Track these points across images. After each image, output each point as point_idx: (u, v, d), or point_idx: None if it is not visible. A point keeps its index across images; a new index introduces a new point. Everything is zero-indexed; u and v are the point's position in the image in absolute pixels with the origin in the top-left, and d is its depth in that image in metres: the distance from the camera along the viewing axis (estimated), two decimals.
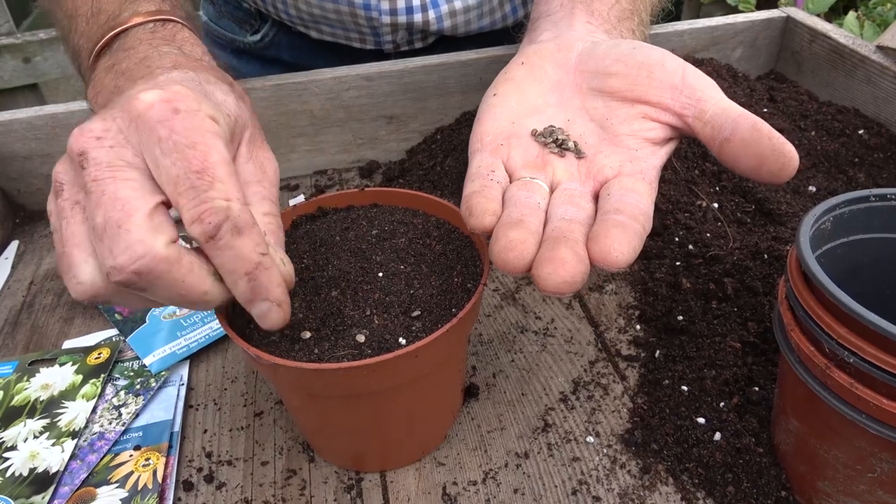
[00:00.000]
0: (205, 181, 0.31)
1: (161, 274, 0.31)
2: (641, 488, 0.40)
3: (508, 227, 0.33)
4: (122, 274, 0.30)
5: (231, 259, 0.32)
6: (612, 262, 0.32)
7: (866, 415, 0.31)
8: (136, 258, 0.30)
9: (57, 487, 0.41)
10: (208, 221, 0.31)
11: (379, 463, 0.42)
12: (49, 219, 0.34)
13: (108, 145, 0.32)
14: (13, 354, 0.52)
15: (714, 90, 0.38)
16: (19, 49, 1.40)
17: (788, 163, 0.34)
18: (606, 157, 0.38)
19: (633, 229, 0.33)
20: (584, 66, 0.42)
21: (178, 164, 0.31)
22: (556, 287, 0.31)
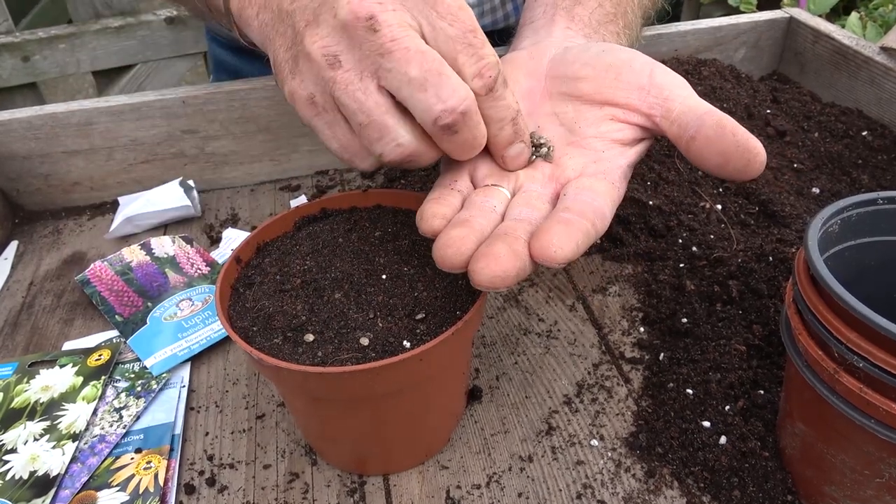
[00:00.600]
0: (479, 39, 0.34)
1: (474, 116, 0.35)
2: (646, 492, 0.39)
3: (452, 226, 0.34)
4: (453, 115, 0.34)
5: (503, 108, 0.36)
6: (550, 258, 0.32)
7: (875, 420, 0.30)
8: (463, 99, 0.34)
9: (57, 491, 0.40)
10: (489, 75, 0.35)
11: (382, 466, 0.41)
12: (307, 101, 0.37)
13: (391, 8, 0.34)
14: (13, 356, 0.52)
15: (682, 89, 0.38)
16: (18, 48, 1.39)
17: (754, 159, 0.34)
18: (570, 158, 0.38)
19: (579, 226, 0.33)
20: (553, 71, 0.42)
21: (455, 25, 0.34)
22: (489, 281, 0.31)
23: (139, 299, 0.54)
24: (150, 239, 0.60)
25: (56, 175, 0.66)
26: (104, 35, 1.49)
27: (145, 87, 1.61)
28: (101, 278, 0.56)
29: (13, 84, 1.43)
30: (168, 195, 0.64)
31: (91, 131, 0.64)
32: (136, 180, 0.67)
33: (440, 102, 0.33)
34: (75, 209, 0.68)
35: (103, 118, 0.64)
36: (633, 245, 0.56)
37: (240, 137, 0.67)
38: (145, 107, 0.64)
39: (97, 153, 0.65)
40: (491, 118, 0.36)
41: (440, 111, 0.33)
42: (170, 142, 0.66)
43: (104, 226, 0.65)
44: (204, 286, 0.55)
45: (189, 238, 0.60)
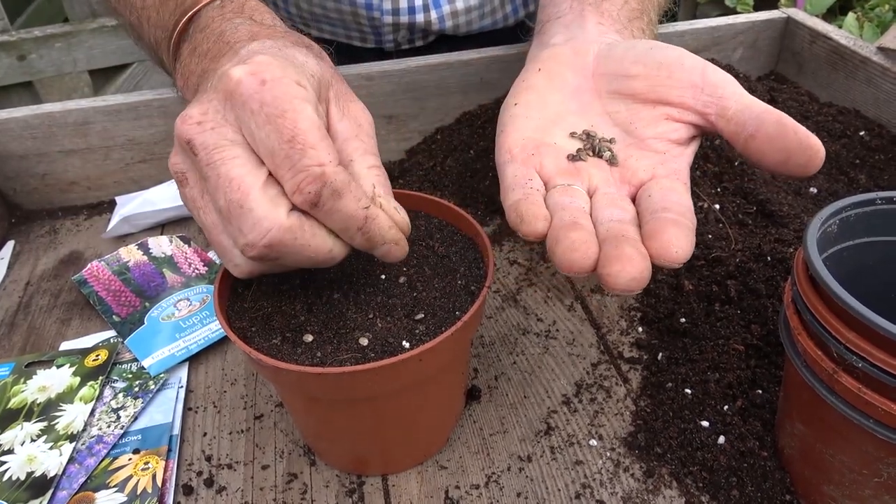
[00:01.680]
0: (296, 149, 0.32)
1: (289, 242, 0.32)
2: (645, 492, 0.39)
3: (567, 229, 0.33)
4: (255, 249, 0.32)
5: (340, 220, 0.33)
6: (672, 258, 0.32)
7: (874, 420, 0.30)
8: (264, 233, 0.32)
9: (55, 492, 0.40)
10: (308, 190, 0.32)
11: (381, 466, 0.41)
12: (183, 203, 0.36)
13: (210, 128, 0.33)
14: (9, 356, 0.51)
15: (735, 87, 0.37)
16: (14, 46, 1.39)
17: (815, 155, 0.34)
18: (637, 160, 0.38)
19: (686, 225, 0.33)
20: (602, 69, 0.41)
21: (271, 136, 0.32)
22: (626, 284, 0.31)
23: (137, 299, 0.54)
24: (148, 239, 0.59)
25: (53, 174, 0.66)
26: (100, 34, 1.48)
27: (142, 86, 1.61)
28: (99, 278, 0.56)
29: (9, 83, 1.42)
30: (165, 195, 0.64)
31: (88, 130, 0.64)
32: (134, 180, 0.67)
33: (241, 236, 0.32)
34: (72, 209, 0.68)
35: (100, 117, 0.63)
36: None
37: None
38: (143, 106, 0.63)
39: (94, 152, 0.65)
40: (334, 229, 0.34)
41: (242, 245, 0.33)
42: (167, 141, 0.66)
43: (101, 225, 0.65)
44: (201, 286, 0.55)
45: (186, 238, 0.60)
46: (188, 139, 0.33)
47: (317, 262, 0.34)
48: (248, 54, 0.35)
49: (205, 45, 0.41)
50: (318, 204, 0.32)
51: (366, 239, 0.34)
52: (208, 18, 0.43)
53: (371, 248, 0.35)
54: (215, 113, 0.33)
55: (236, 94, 0.33)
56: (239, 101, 0.33)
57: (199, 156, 0.33)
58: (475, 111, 0.69)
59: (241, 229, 0.32)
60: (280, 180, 0.32)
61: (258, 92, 0.32)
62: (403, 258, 0.36)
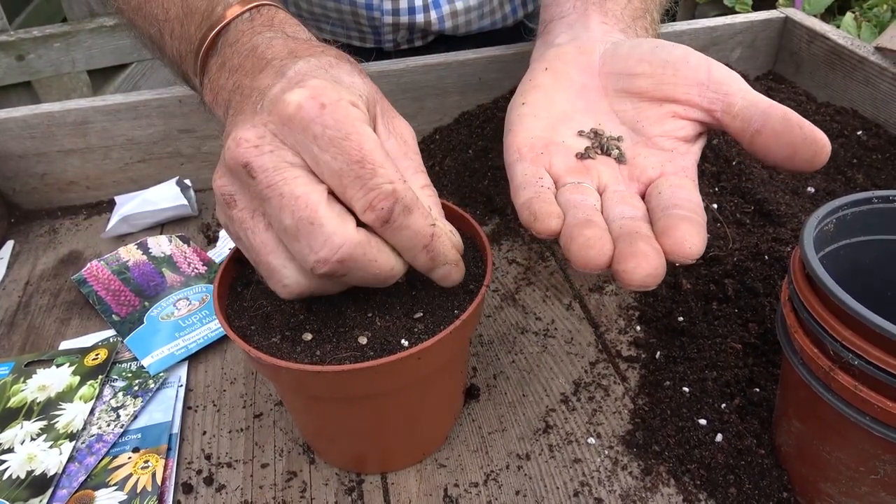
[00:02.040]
0: (367, 169, 0.32)
1: (358, 257, 0.32)
2: (643, 490, 0.40)
3: (581, 226, 0.33)
4: (328, 266, 0.32)
5: (408, 237, 0.33)
6: (686, 254, 0.32)
7: (870, 417, 0.31)
8: (336, 248, 0.32)
9: (55, 490, 0.40)
10: (381, 207, 0.32)
11: (380, 465, 0.41)
12: (224, 228, 0.36)
13: (269, 150, 0.33)
14: (9, 355, 0.51)
15: (740, 83, 0.38)
16: (13, 46, 1.39)
17: (821, 150, 0.34)
18: (645, 158, 0.38)
19: (697, 222, 0.33)
20: (607, 67, 0.42)
21: (338, 158, 0.32)
22: (642, 280, 0.31)
23: (136, 299, 0.54)
24: (147, 238, 0.59)
25: (52, 174, 0.66)
26: (99, 34, 1.48)
27: (140, 86, 1.61)
28: (98, 278, 0.56)
29: (8, 83, 1.42)
30: (165, 194, 0.64)
31: (87, 130, 0.64)
32: (133, 179, 0.67)
33: (312, 253, 0.32)
34: (71, 208, 0.68)
35: (100, 117, 0.63)
36: None
37: None
38: (142, 106, 0.64)
39: (93, 152, 0.65)
40: (400, 247, 0.34)
41: (314, 262, 0.32)
42: (166, 141, 0.66)
43: (100, 225, 0.65)
44: (201, 285, 0.55)
45: (186, 237, 0.60)
46: (245, 162, 0.32)
47: (379, 279, 0.34)
48: (298, 76, 0.35)
49: (235, 60, 0.40)
50: (390, 220, 0.32)
51: (430, 258, 0.34)
52: (238, 32, 0.42)
53: (433, 268, 0.35)
54: (273, 137, 0.33)
55: (296, 118, 0.32)
56: (299, 125, 0.32)
57: (258, 178, 0.32)
58: (473, 111, 0.69)
59: (312, 246, 0.32)
60: (349, 200, 0.32)
61: (319, 116, 0.32)
62: (460, 281, 0.36)
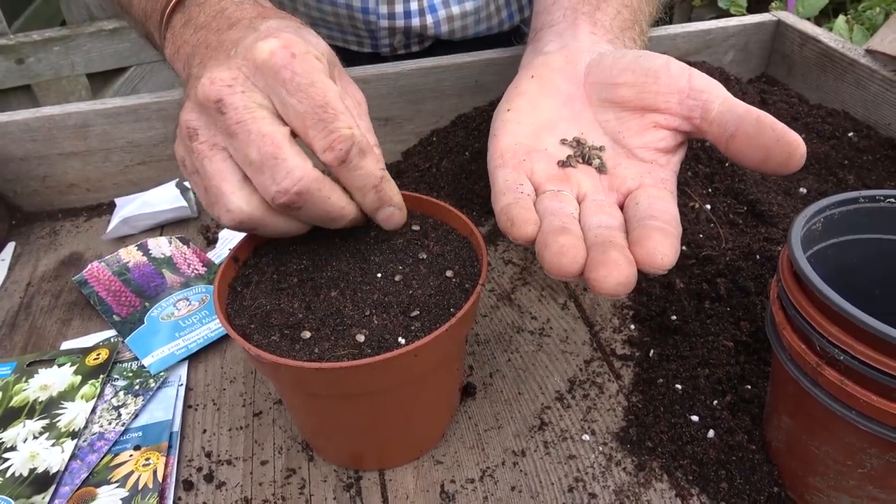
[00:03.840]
0: (329, 114, 0.35)
1: (314, 192, 0.36)
2: (637, 485, 0.40)
3: (556, 233, 0.34)
4: (287, 196, 0.35)
5: (360, 177, 0.37)
6: (657, 265, 0.33)
7: (856, 411, 0.31)
8: (296, 180, 0.35)
9: (57, 487, 0.41)
10: (339, 148, 0.35)
11: (378, 461, 0.42)
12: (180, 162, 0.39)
13: (240, 91, 0.36)
14: (11, 356, 0.52)
15: (719, 90, 0.38)
16: (13, 50, 1.39)
17: (794, 151, 0.34)
18: (626, 169, 0.39)
19: (671, 233, 0.34)
20: (592, 77, 0.42)
21: (304, 102, 0.35)
22: (612, 289, 0.32)
23: (137, 299, 0.55)
24: (147, 240, 0.60)
25: (53, 177, 0.66)
26: (98, 37, 1.49)
27: (139, 90, 1.61)
28: (99, 279, 0.56)
29: (7, 86, 1.43)
30: (164, 196, 0.64)
31: (88, 133, 0.64)
32: (133, 182, 0.68)
33: (274, 184, 0.35)
34: (72, 210, 0.68)
35: (100, 120, 0.64)
36: None
37: None
38: (142, 109, 0.64)
39: (94, 155, 0.66)
40: (352, 188, 0.37)
41: (275, 192, 0.35)
42: (166, 143, 0.66)
43: (101, 227, 0.66)
44: (201, 286, 0.56)
45: (185, 239, 0.61)
46: (218, 98, 0.35)
47: (330, 217, 0.37)
48: (270, 31, 0.38)
49: (202, 18, 0.43)
50: (346, 161, 0.36)
51: (378, 198, 0.38)
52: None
53: (379, 208, 0.39)
54: (245, 79, 0.36)
55: (269, 63, 0.35)
56: (271, 70, 0.35)
57: (228, 114, 0.35)
58: (470, 114, 0.70)
59: (275, 177, 0.35)
60: (311, 140, 0.36)
61: (290, 63, 0.35)
62: (401, 226, 0.41)
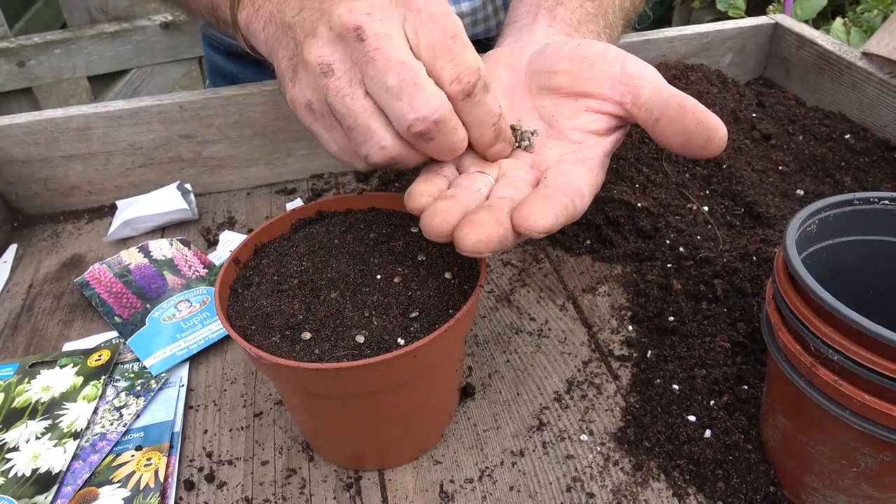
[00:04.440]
0: (458, 44, 0.36)
1: (448, 121, 0.36)
2: (634, 485, 0.41)
3: (439, 200, 0.36)
4: (426, 123, 0.35)
5: (484, 112, 0.37)
6: (530, 226, 0.33)
7: (850, 411, 0.32)
8: (435, 108, 0.35)
9: (60, 487, 0.41)
10: (467, 80, 0.36)
11: (377, 461, 0.42)
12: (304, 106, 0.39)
13: (378, 18, 0.36)
14: (13, 357, 0.52)
15: (652, 75, 0.39)
16: (14, 53, 1.40)
17: (713, 135, 0.35)
18: (549, 149, 0.40)
19: (558, 200, 0.35)
20: (533, 66, 0.43)
21: (435, 32, 0.36)
22: (472, 246, 0.33)
23: (138, 301, 0.55)
24: (148, 242, 0.60)
25: (55, 179, 0.67)
26: (99, 40, 1.49)
27: (140, 92, 1.62)
28: (101, 280, 0.57)
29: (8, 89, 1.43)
30: (166, 199, 0.65)
31: (90, 136, 0.65)
32: (134, 184, 0.68)
33: (412, 111, 0.35)
34: (73, 213, 0.69)
35: (102, 123, 0.64)
36: (622, 246, 0.58)
37: (236, 142, 0.68)
38: (143, 112, 0.65)
39: (95, 158, 0.66)
40: (471, 122, 0.37)
41: (412, 119, 0.35)
42: (167, 146, 0.67)
43: (102, 229, 0.66)
44: (202, 288, 0.56)
45: (186, 241, 0.61)
46: (358, 25, 0.35)
47: (453, 150, 0.38)
48: None
49: None
50: (472, 94, 0.36)
51: (496, 134, 0.38)
52: None
53: (493, 143, 0.39)
54: (381, 8, 0.36)
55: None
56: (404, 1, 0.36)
57: (368, 40, 0.35)
58: None
59: (413, 104, 0.35)
60: (439, 71, 0.36)
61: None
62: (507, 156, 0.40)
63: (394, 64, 0.35)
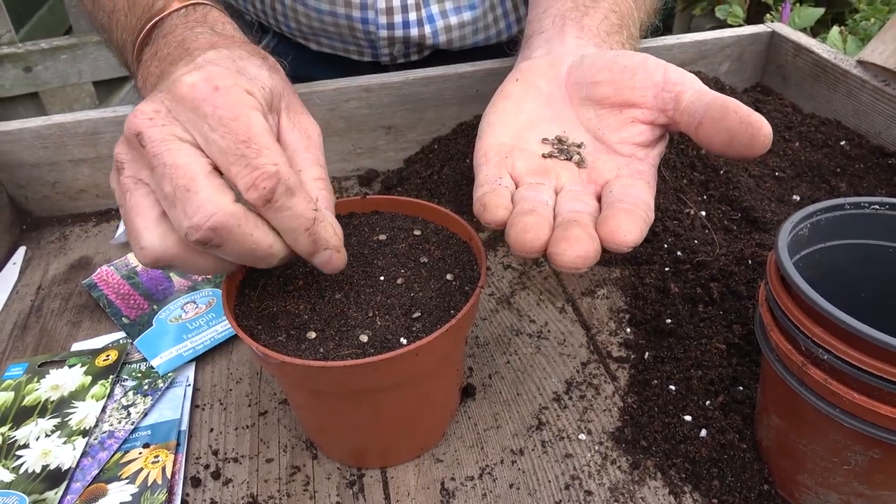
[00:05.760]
0: (252, 149, 0.34)
1: (232, 229, 0.33)
2: (631, 483, 0.41)
3: (523, 214, 0.36)
4: (200, 232, 0.33)
5: (289, 218, 0.35)
6: (620, 241, 0.34)
7: (840, 409, 0.33)
8: (209, 215, 0.33)
9: (69, 483, 0.42)
10: (263, 186, 0.33)
11: (380, 459, 0.43)
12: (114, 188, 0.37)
13: (160, 123, 0.34)
14: (23, 357, 0.53)
15: (693, 81, 0.39)
16: (21, 58, 1.41)
17: (758, 132, 0.36)
18: (604, 163, 0.41)
19: (638, 214, 0.36)
20: (573, 77, 0.44)
21: (226, 137, 0.34)
22: (572, 262, 0.33)
23: (145, 302, 0.56)
24: None
25: (63, 182, 0.68)
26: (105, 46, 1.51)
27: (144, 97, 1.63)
28: (108, 282, 0.58)
29: (15, 94, 1.45)
30: None
31: (97, 140, 0.66)
32: None
33: (186, 218, 0.33)
34: (81, 216, 0.70)
35: (110, 128, 0.66)
36: None
37: None
38: None
39: (103, 161, 0.67)
40: (281, 229, 0.35)
41: (187, 227, 0.33)
42: None
43: (109, 232, 0.67)
44: (207, 290, 0.57)
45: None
46: (138, 131, 0.34)
47: (256, 256, 0.35)
48: (203, 62, 0.37)
49: (165, 50, 0.43)
50: (272, 200, 0.34)
51: (311, 241, 0.36)
52: (171, 25, 0.45)
53: (314, 253, 0.36)
54: (167, 113, 0.35)
55: (189, 97, 0.34)
56: (191, 104, 0.34)
57: (147, 147, 0.34)
58: (471, 122, 0.72)
59: (186, 212, 0.33)
60: (233, 178, 0.34)
61: (211, 97, 0.34)
62: (341, 269, 0.38)
63: (170, 169, 0.33)
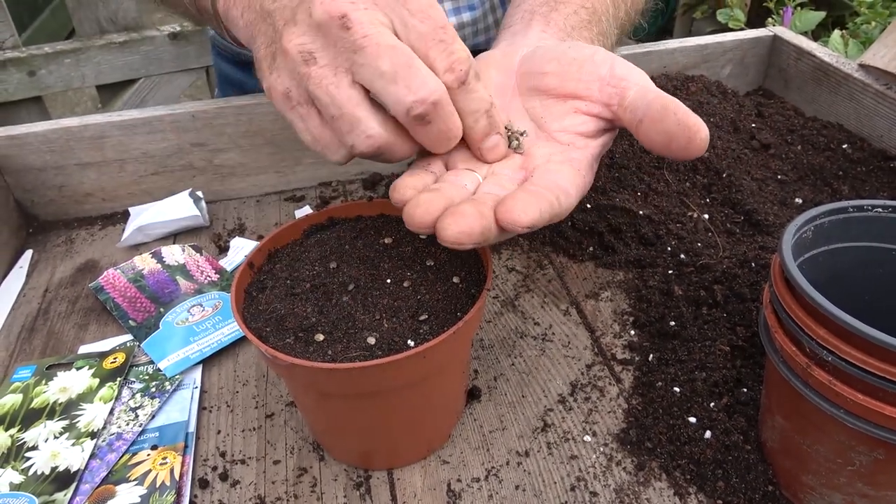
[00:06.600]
0: (449, 35, 0.36)
1: (445, 105, 0.36)
2: (636, 484, 0.42)
3: (423, 192, 0.36)
4: (425, 105, 0.35)
5: (475, 101, 0.37)
6: (513, 220, 0.33)
7: (844, 410, 0.33)
8: (433, 90, 0.35)
9: (78, 485, 0.43)
10: (460, 69, 0.36)
11: (386, 461, 0.44)
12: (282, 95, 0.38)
13: (363, 7, 0.36)
14: (31, 359, 0.54)
15: (639, 77, 0.39)
16: (24, 62, 1.42)
17: (694, 136, 0.35)
18: (539, 149, 0.41)
19: (543, 196, 0.35)
20: (523, 67, 0.44)
21: (426, 22, 0.36)
22: (454, 237, 0.33)
23: (152, 305, 0.56)
24: (161, 248, 0.62)
25: (70, 186, 0.68)
26: (108, 50, 1.52)
27: (148, 101, 1.64)
28: (115, 285, 0.58)
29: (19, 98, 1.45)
30: (178, 206, 0.66)
31: (104, 144, 0.66)
32: (147, 191, 0.70)
33: (411, 94, 0.35)
34: (87, 219, 0.70)
35: (115, 132, 0.66)
36: (625, 253, 0.59)
37: (247, 150, 0.70)
38: (156, 121, 0.66)
39: (109, 165, 0.68)
40: (465, 111, 0.38)
41: (411, 102, 0.35)
42: (179, 154, 0.68)
43: (115, 235, 0.68)
44: (214, 292, 0.57)
45: (198, 247, 0.63)
46: (343, 13, 0.35)
47: (449, 137, 0.38)
48: None
49: None
50: (466, 82, 0.36)
51: (489, 123, 0.38)
52: None
53: (488, 134, 0.39)
54: None
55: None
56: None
57: (354, 28, 0.35)
58: None
59: (411, 86, 0.35)
60: (432, 60, 0.36)
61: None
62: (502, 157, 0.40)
63: (385, 49, 0.35)
